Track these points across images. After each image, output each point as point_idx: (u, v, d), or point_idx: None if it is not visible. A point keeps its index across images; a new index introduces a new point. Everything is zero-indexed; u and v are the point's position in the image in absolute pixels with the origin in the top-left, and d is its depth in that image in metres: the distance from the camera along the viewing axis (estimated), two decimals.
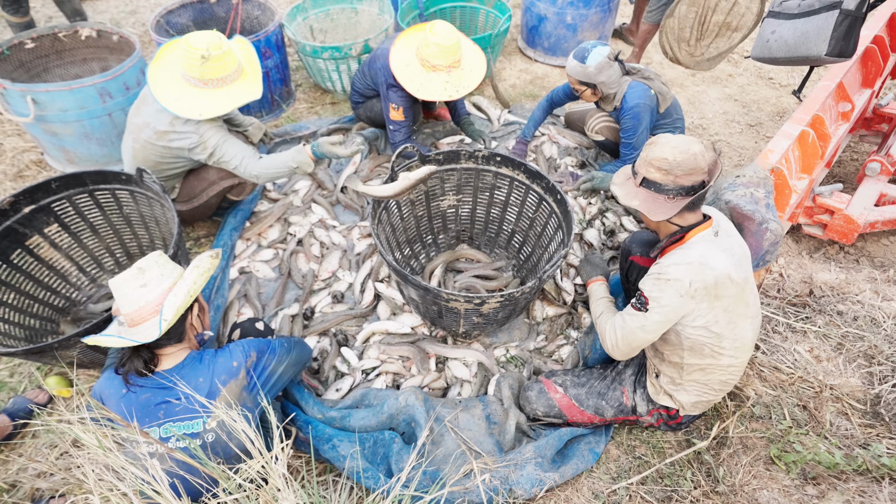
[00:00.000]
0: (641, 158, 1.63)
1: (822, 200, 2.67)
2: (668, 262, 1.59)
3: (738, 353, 1.65)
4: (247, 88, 2.23)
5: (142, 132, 2.21)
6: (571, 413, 1.90)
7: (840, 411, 1.93)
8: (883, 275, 2.49)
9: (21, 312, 2.13)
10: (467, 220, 2.63)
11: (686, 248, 1.60)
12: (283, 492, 1.15)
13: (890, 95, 3.37)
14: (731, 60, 4.18)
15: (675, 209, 1.57)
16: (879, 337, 2.11)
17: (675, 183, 1.55)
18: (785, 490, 1.73)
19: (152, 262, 1.46)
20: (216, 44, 2.08)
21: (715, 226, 1.63)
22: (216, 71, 2.11)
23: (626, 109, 2.57)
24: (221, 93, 2.16)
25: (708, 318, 1.58)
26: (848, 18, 2.23)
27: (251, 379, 1.51)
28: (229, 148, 2.24)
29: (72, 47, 3.07)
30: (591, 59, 2.48)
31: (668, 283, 1.56)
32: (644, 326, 1.61)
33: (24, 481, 1.83)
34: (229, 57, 2.13)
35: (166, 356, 1.47)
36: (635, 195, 1.64)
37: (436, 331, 2.31)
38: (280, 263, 2.58)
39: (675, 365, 1.72)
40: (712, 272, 1.53)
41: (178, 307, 1.41)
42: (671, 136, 1.60)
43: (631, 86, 2.56)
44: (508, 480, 1.73)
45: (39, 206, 2.14)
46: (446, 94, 2.55)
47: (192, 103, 2.13)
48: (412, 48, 2.60)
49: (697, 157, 1.54)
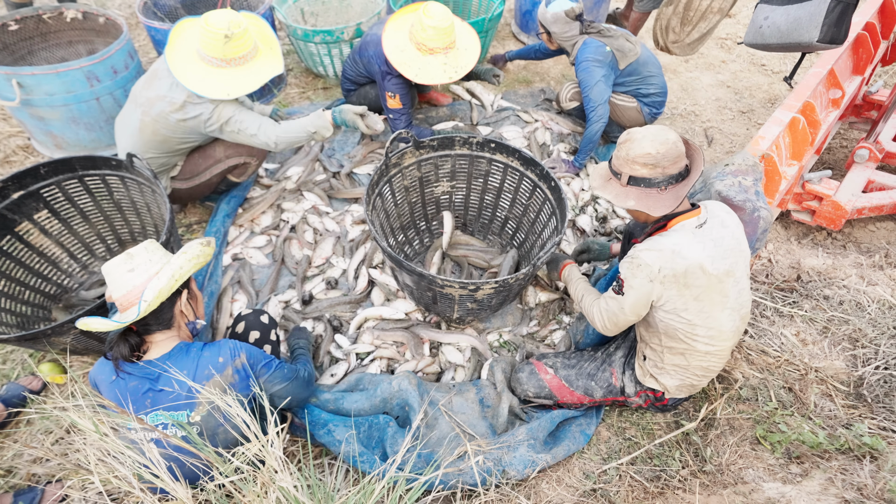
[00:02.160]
0: (621, 158, 1.62)
1: (811, 187, 2.70)
2: (643, 247, 1.63)
3: (715, 341, 1.68)
4: (269, 63, 2.24)
5: (154, 105, 2.19)
6: (562, 394, 1.93)
7: (824, 393, 1.98)
8: (869, 260, 2.54)
9: (12, 299, 2.12)
10: (461, 207, 2.64)
11: (663, 236, 1.63)
12: (280, 473, 1.17)
13: (880, 83, 3.40)
14: (724, 47, 4.18)
15: (676, 199, 1.58)
16: (864, 321, 2.16)
17: (664, 174, 1.57)
18: (770, 469, 1.78)
19: (142, 249, 1.46)
20: (237, 21, 2.08)
21: (703, 216, 1.64)
22: (238, 49, 2.11)
23: (577, 63, 2.75)
24: (244, 70, 2.17)
25: (677, 304, 1.62)
26: (840, 5, 2.23)
27: (238, 377, 1.46)
28: (246, 115, 2.26)
29: (57, 29, 3.01)
30: (552, 6, 2.74)
31: (639, 267, 1.60)
32: (623, 308, 1.67)
33: (20, 467, 1.84)
34: (248, 35, 2.14)
35: (155, 344, 1.46)
36: (626, 195, 1.63)
37: (430, 316, 2.33)
38: (273, 250, 2.57)
39: (656, 348, 1.78)
40: (683, 261, 1.56)
41: (161, 290, 1.39)
42: (643, 129, 1.60)
43: (585, 42, 2.73)
44: (502, 462, 1.77)
45: (28, 192, 2.12)
46: (446, 77, 2.54)
47: (218, 84, 2.13)
48: (404, 32, 2.56)
49: (677, 143, 1.57)
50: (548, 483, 1.80)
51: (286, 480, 1.16)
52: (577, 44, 2.76)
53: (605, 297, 1.77)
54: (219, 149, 2.43)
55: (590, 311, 1.82)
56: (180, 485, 1.19)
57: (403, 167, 2.31)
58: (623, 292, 1.65)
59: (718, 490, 1.73)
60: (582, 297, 1.90)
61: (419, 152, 2.31)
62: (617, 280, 1.69)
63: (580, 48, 2.73)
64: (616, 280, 1.69)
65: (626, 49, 2.75)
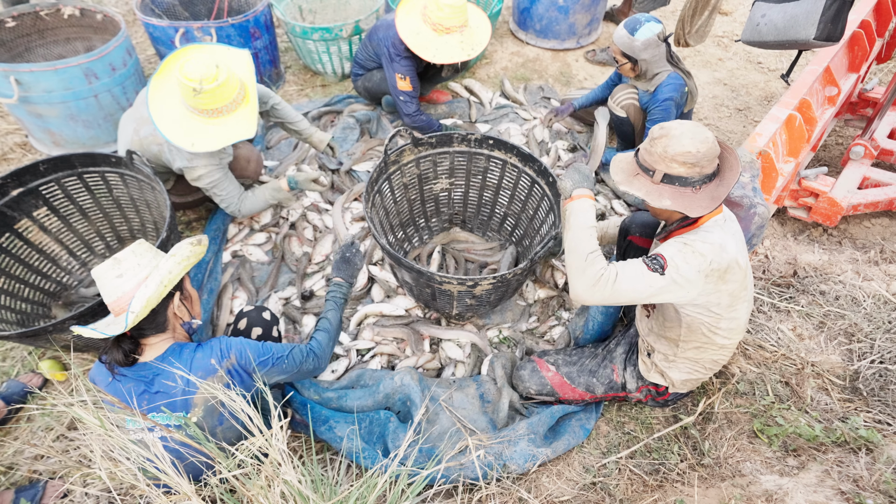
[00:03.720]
0: (656, 154, 1.51)
1: (808, 183, 2.72)
2: (694, 237, 1.53)
3: (733, 334, 1.68)
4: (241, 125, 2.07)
5: (143, 126, 2.16)
6: (563, 390, 1.95)
7: (820, 387, 2.00)
8: (864, 256, 2.56)
9: (12, 296, 2.12)
10: (460, 204, 2.65)
11: (706, 231, 1.56)
12: (283, 467, 1.18)
13: (875, 80, 3.43)
14: (721, 44, 4.20)
15: (713, 200, 1.50)
16: (859, 315, 2.18)
17: (701, 173, 1.50)
18: (767, 462, 1.80)
19: (129, 253, 1.41)
20: (211, 76, 1.94)
21: (725, 212, 1.63)
22: (209, 103, 1.98)
23: (660, 100, 2.51)
24: (217, 125, 2.04)
25: (711, 298, 1.57)
26: (837, 2, 2.25)
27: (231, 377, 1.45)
28: (225, 187, 2.28)
29: (54, 26, 3.00)
30: (640, 33, 2.41)
31: (695, 254, 1.50)
32: (650, 286, 1.50)
33: (21, 464, 1.84)
34: (226, 88, 1.98)
35: (150, 346, 1.44)
36: (660, 194, 1.52)
37: (429, 313, 2.34)
38: (273, 247, 2.58)
39: (672, 341, 1.74)
40: (727, 256, 1.51)
41: (149, 299, 1.35)
42: (679, 125, 1.51)
43: (671, 76, 2.50)
44: (502, 456, 1.78)
45: (28, 189, 2.11)
46: (464, 55, 2.59)
47: (185, 132, 2.03)
48: (417, 14, 2.60)
49: (715, 143, 1.50)
50: (548, 477, 1.82)
51: (290, 474, 1.17)
52: (662, 75, 2.52)
53: (624, 268, 1.53)
54: None
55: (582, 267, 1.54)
56: (184, 480, 1.20)
57: (402, 164, 2.32)
58: (664, 273, 1.50)
59: (716, 483, 1.75)
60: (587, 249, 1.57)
61: (418, 149, 2.32)
62: (655, 258, 1.52)
63: (664, 81, 2.50)
64: (653, 258, 1.53)
65: (695, 93, 2.62)
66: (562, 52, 3.95)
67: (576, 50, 3.97)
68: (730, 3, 4.64)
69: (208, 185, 2.23)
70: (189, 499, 1.15)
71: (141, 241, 1.46)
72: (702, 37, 3.00)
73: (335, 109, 3.24)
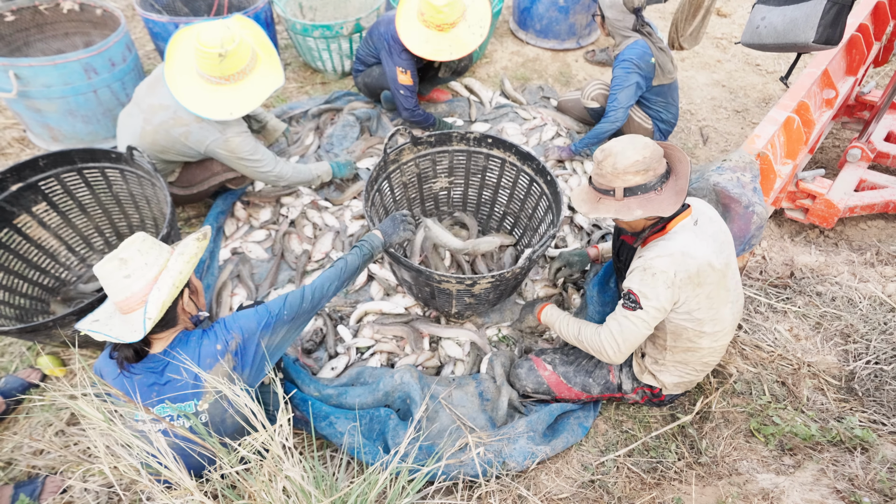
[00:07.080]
0: (607, 174, 1.60)
1: (805, 185, 2.74)
2: (652, 254, 1.61)
3: (719, 336, 1.71)
4: (269, 75, 2.15)
5: (157, 114, 2.14)
6: (559, 390, 1.96)
7: (816, 387, 2.02)
8: (860, 257, 2.59)
9: (10, 292, 2.11)
10: (459, 202, 2.65)
11: (667, 240, 1.62)
12: (286, 462, 1.18)
13: (872, 83, 3.45)
14: (719, 46, 4.22)
15: (678, 194, 1.57)
16: (855, 316, 2.20)
17: (656, 175, 1.59)
18: (763, 460, 1.81)
19: (134, 251, 1.36)
20: (229, 37, 1.97)
21: (694, 214, 1.66)
22: (235, 65, 2.02)
23: (619, 60, 2.66)
24: (245, 86, 2.09)
25: (691, 305, 1.62)
26: (836, 6, 2.27)
27: (239, 359, 1.47)
28: (261, 149, 2.28)
29: (53, 21, 2.98)
30: None
31: (655, 276, 1.58)
32: (645, 322, 1.62)
33: (20, 459, 1.84)
34: (244, 47, 2.04)
35: (160, 340, 1.44)
36: (628, 208, 1.60)
37: (429, 311, 2.34)
38: (273, 244, 2.57)
39: (659, 347, 1.79)
40: (694, 261, 1.57)
41: (164, 302, 1.34)
42: (616, 141, 1.60)
43: (636, 42, 2.64)
44: (502, 454, 1.79)
45: (27, 185, 2.11)
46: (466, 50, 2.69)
47: (220, 104, 2.06)
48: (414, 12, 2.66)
49: (654, 143, 1.60)
50: (547, 474, 1.83)
51: (293, 469, 1.17)
52: (628, 40, 2.66)
53: (614, 318, 1.70)
54: (216, 163, 2.42)
55: (595, 342, 1.74)
56: (186, 475, 1.20)
57: (402, 163, 2.32)
58: (642, 306, 1.61)
59: (713, 481, 1.76)
60: (578, 331, 1.82)
61: (417, 148, 2.32)
62: (627, 295, 1.64)
63: (628, 45, 2.64)
64: (626, 296, 1.65)
65: (667, 68, 2.69)
66: (562, 52, 3.96)
67: (576, 50, 3.98)
68: (729, 6, 4.66)
69: (246, 153, 2.23)
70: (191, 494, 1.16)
71: (144, 237, 1.41)
72: (696, 40, 3.03)
73: (335, 107, 3.24)
